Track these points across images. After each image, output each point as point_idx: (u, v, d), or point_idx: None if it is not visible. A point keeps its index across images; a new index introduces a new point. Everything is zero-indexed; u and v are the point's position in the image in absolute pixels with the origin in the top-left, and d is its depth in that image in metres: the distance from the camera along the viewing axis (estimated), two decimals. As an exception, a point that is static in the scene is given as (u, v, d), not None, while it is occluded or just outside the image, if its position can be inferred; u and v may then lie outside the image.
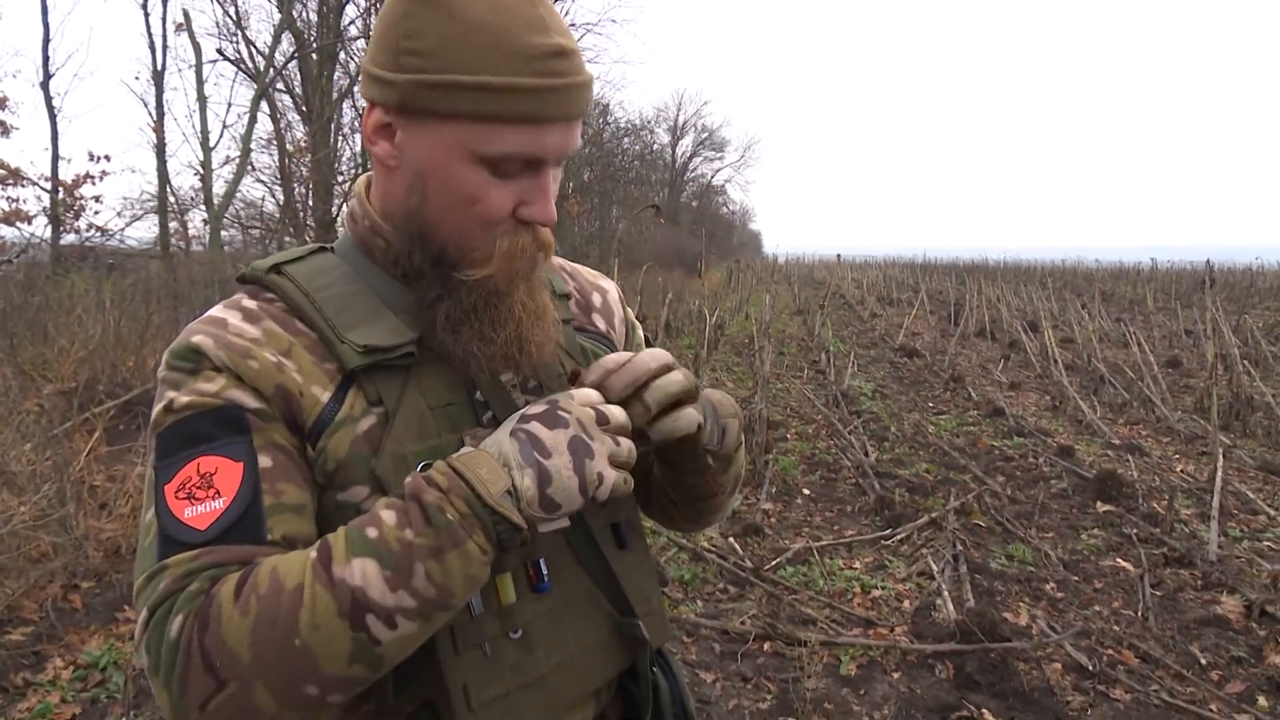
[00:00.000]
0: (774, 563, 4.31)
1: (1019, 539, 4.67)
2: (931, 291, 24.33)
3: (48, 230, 12.90)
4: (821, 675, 3.28)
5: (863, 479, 5.74)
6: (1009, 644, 3.30)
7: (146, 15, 14.00)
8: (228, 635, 0.68)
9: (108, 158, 13.34)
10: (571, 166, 23.99)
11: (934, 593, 3.90)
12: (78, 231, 13.51)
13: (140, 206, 14.79)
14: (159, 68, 14.49)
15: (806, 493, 5.61)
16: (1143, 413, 8.04)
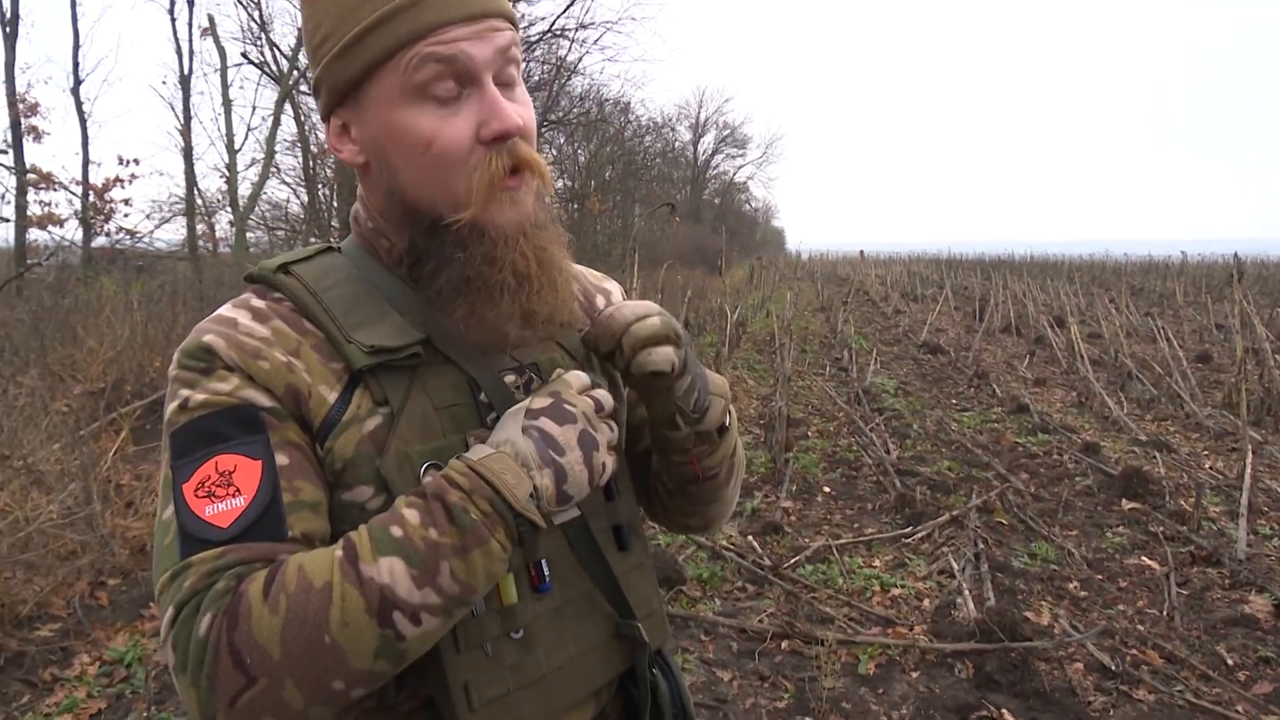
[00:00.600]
0: (793, 561, 4.29)
1: (1042, 537, 4.62)
2: (956, 287, 24.12)
3: (79, 233, 13.11)
4: (840, 674, 3.27)
5: (884, 476, 5.70)
6: (1030, 643, 3.27)
7: (173, 21, 14.19)
8: (258, 633, 0.69)
9: (136, 161, 13.59)
10: (593, 165, 23.99)
11: (954, 591, 3.87)
12: (108, 234, 13.72)
13: (169, 209, 14.99)
14: (186, 72, 14.67)
15: (827, 490, 5.58)
16: (1171, 409, 7.92)
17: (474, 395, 0.87)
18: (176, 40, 14.45)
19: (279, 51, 14.16)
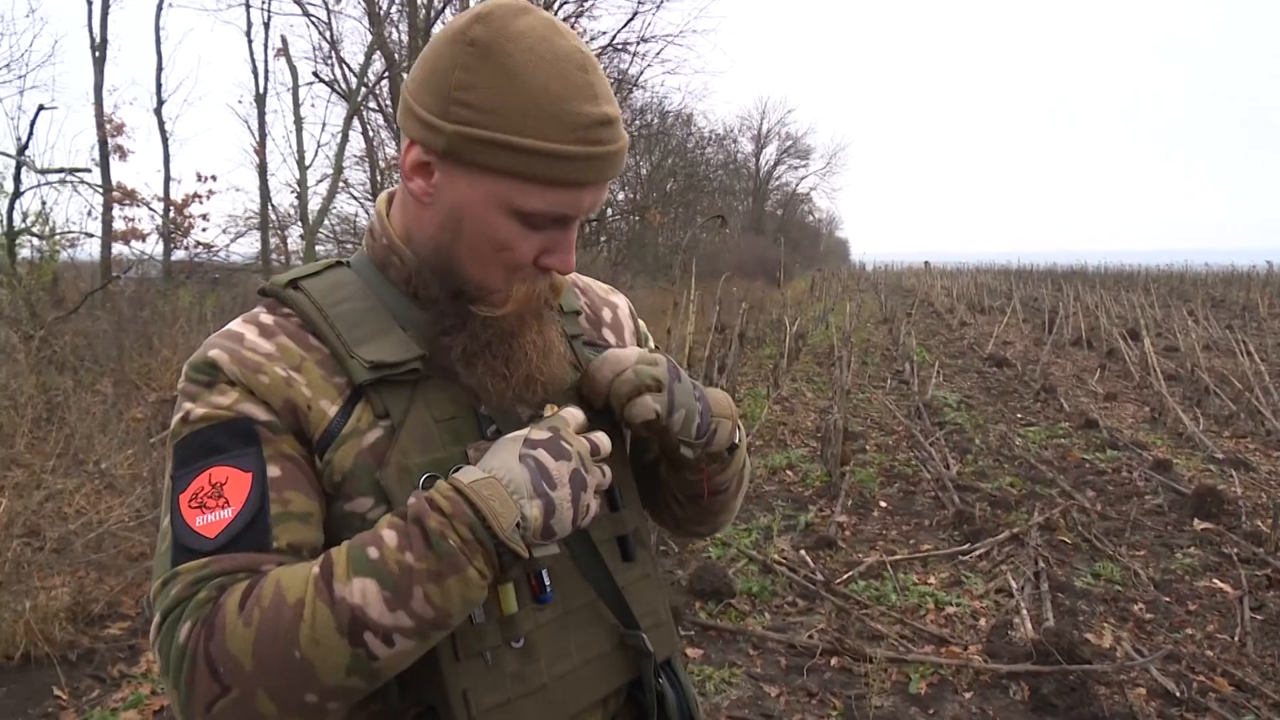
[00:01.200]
0: (845, 576, 4.23)
1: (1107, 557, 4.47)
2: (1025, 299, 23.54)
3: (159, 247, 13.64)
4: (890, 693, 3.21)
5: (942, 492, 5.59)
6: (1089, 666, 3.17)
7: (250, 42, 14.68)
8: (231, 645, 0.72)
9: (214, 178, 14.02)
10: (655, 178, 24.07)
11: (1012, 611, 3.77)
12: (186, 248, 14.24)
13: (243, 224, 15.50)
14: (260, 92, 15.17)
15: (883, 505, 5.49)
16: (1250, 425, 7.60)
17: (474, 408, 0.88)
18: (253, 61, 14.95)
19: (348, 69, 14.57)
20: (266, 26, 15.00)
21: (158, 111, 14.00)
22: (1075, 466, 6.32)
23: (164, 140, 14.72)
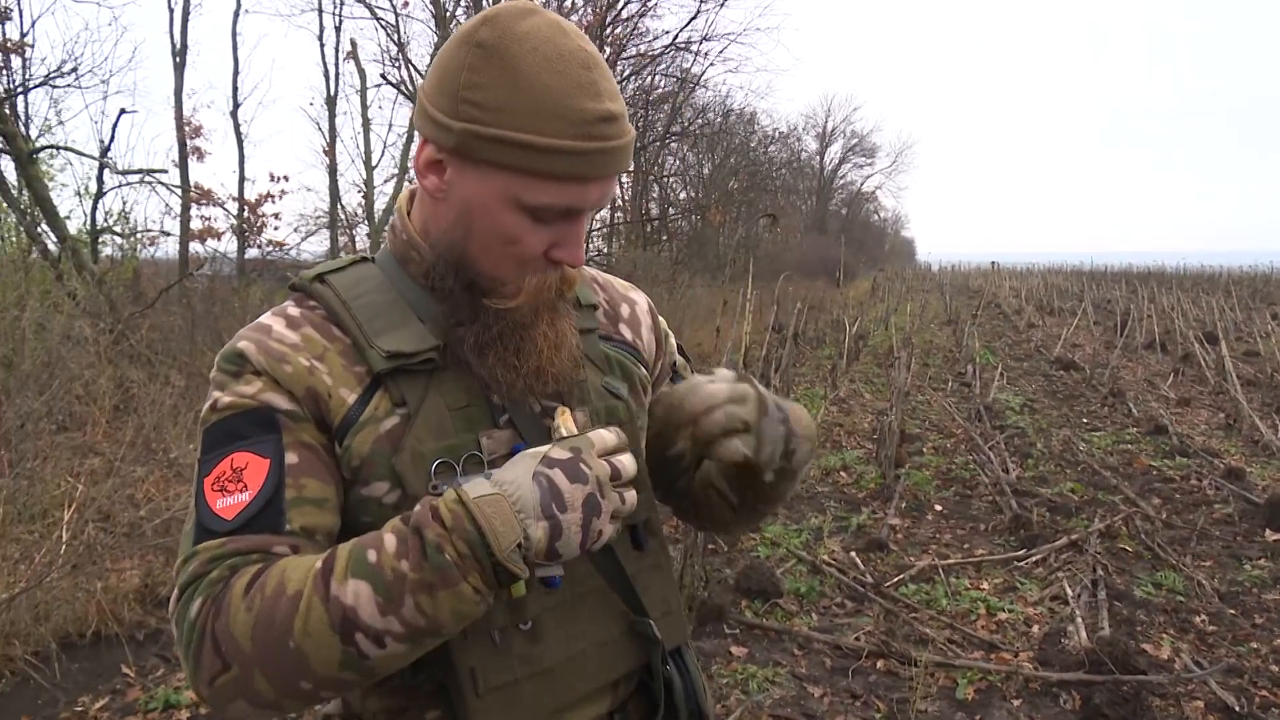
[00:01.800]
0: (896, 579, 4.19)
1: (1170, 566, 4.34)
2: (1098, 300, 22.86)
3: (233, 245, 14.10)
4: (936, 698, 3.17)
5: (1000, 496, 5.48)
6: (1144, 677, 3.08)
7: (322, 46, 15.09)
8: (233, 626, 0.76)
9: (286, 178, 14.48)
10: (717, 177, 23.99)
11: (1066, 619, 3.69)
12: (259, 247, 14.70)
13: (314, 223, 15.95)
14: (331, 94, 15.59)
15: (938, 509, 5.41)
16: (1333, 434, 7.27)
17: (487, 397, 0.92)
18: (324, 64, 15.36)
19: (415, 70, 14.86)
20: (338, 30, 15.42)
21: (234, 114, 14.45)
22: (1141, 473, 6.13)
23: (239, 142, 15.18)
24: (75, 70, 8.36)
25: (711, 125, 22.00)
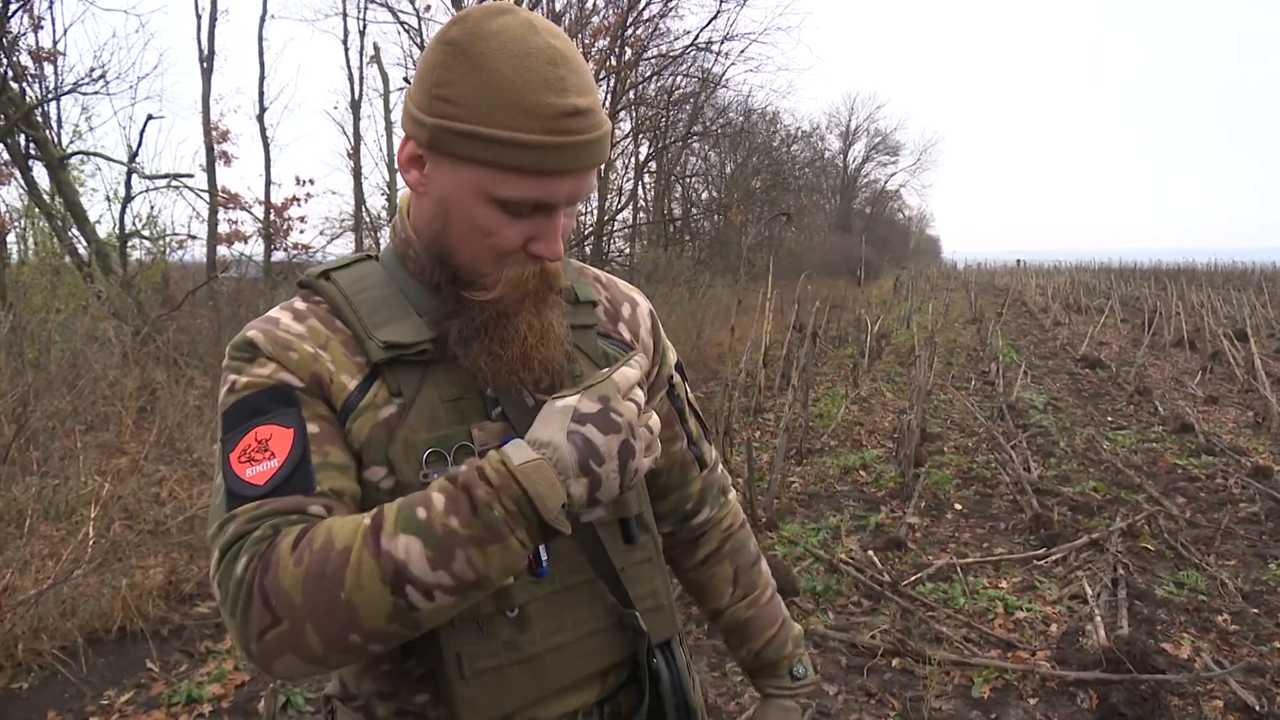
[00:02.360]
0: (913, 578, 4.17)
1: (1193, 565, 4.29)
2: (1126, 298, 22.60)
3: (259, 248, 14.27)
4: (952, 696, 3.17)
5: (1021, 495, 5.44)
6: (1163, 676, 3.06)
7: (346, 50, 15.27)
8: (284, 580, 0.78)
9: (311, 181, 14.56)
10: (739, 176, 23.94)
11: (1085, 618, 3.66)
12: (285, 249, 14.87)
13: (339, 225, 16.10)
14: (355, 98, 15.74)
15: (958, 508, 5.38)
16: (1365, 432, 7.15)
17: (480, 390, 0.94)
18: (349, 68, 15.55)
19: (437, 75, 14.94)
20: (362, 34, 15.53)
21: (260, 118, 14.63)
22: (1166, 472, 6.06)
23: (265, 146, 15.36)
24: (104, 77, 8.51)
25: (733, 125, 21.96)
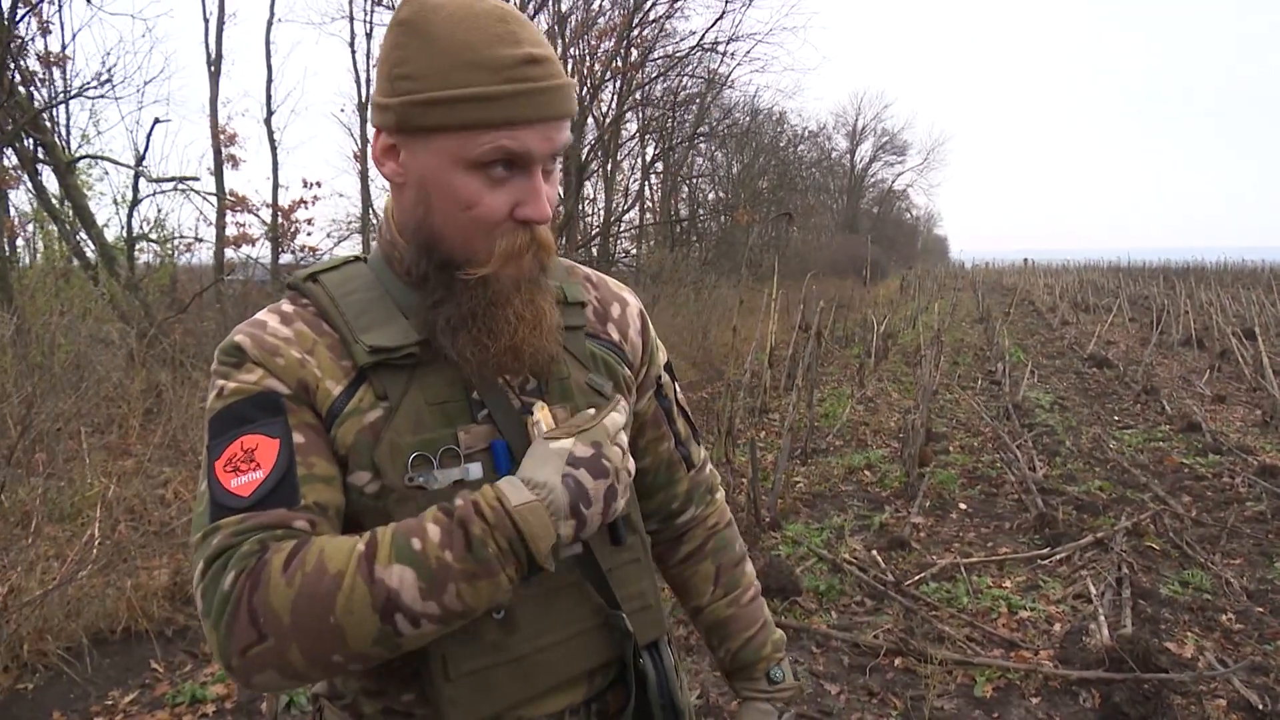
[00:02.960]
0: (917, 578, 4.17)
1: (1198, 564, 4.27)
2: (1134, 297, 22.50)
3: (266, 250, 14.32)
4: (954, 695, 3.16)
5: (1026, 495, 5.43)
6: (1166, 675, 3.05)
7: (353, 52, 15.30)
8: (273, 599, 0.78)
9: (319, 184, 14.58)
10: (746, 177, 23.94)
11: (1089, 617, 3.65)
12: (293, 251, 14.92)
13: (346, 228, 16.16)
14: (362, 100, 15.77)
15: (963, 507, 5.37)
16: (1374, 430, 7.11)
17: (467, 392, 0.93)
18: (355, 70, 15.55)
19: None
20: (369, 36, 15.54)
21: (267, 122, 14.68)
22: (1172, 471, 6.04)
23: (273, 149, 15.41)
24: (110, 80, 8.55)
25: (739, 125, 21.97)
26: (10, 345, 4.78)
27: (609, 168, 18.23)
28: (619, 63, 14.81)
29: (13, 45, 7.60)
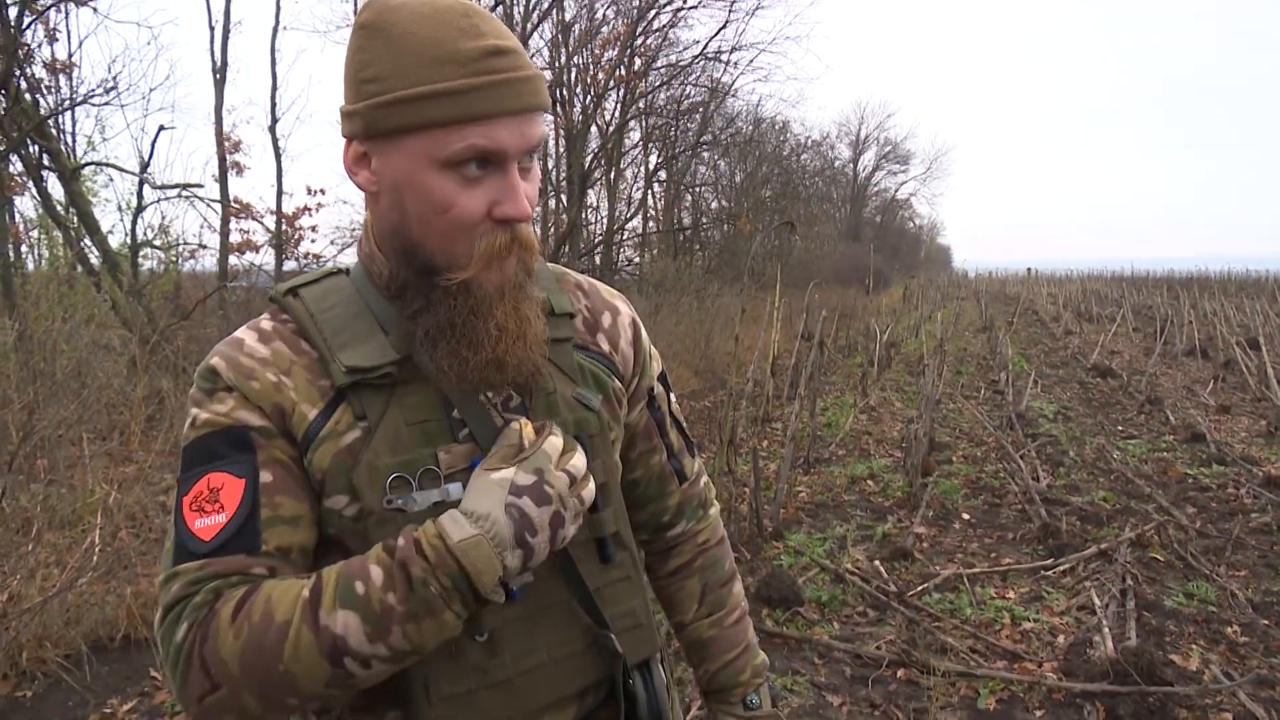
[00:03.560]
0: (919, 588, 4.15)
1: (1203, 576, 4.25)
2: (1137, 306, 22.48)
3: (270, 257, 14.34)
4: (957, 708, 3.14)
5: (1029, 505, 5.40)
6: (1171, 688, 3.02)
7: (356, 60, 15.35)
8: (222, 650, 0.79)
9: (323, 191, 14.60)
10: (749, 185, 23.96)
11: (1093, 629, 3.63)
12: (296, 259, 14.94)
13: (349, 235, 16.17)
14: (365, 108, 15.82)
15: (966, 517, 5.35)
16: (1379, 442, 7.08)
17: (447, 411, 0.91)
18: (358, 79, 15.61)
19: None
20: (372, 46, 15.61)
21: (272, 129, 14.70)
22: (1176, 482, 6.01)
23: (277, 156, 15.42)
24: (116, 87, 8.58)
25: (742, 134, 21.99)
26: (13, 351, 4.78)
27: (612, 176, 18.26)
28: (622, 71, 14.85)
29: (20, 52, 7.62)
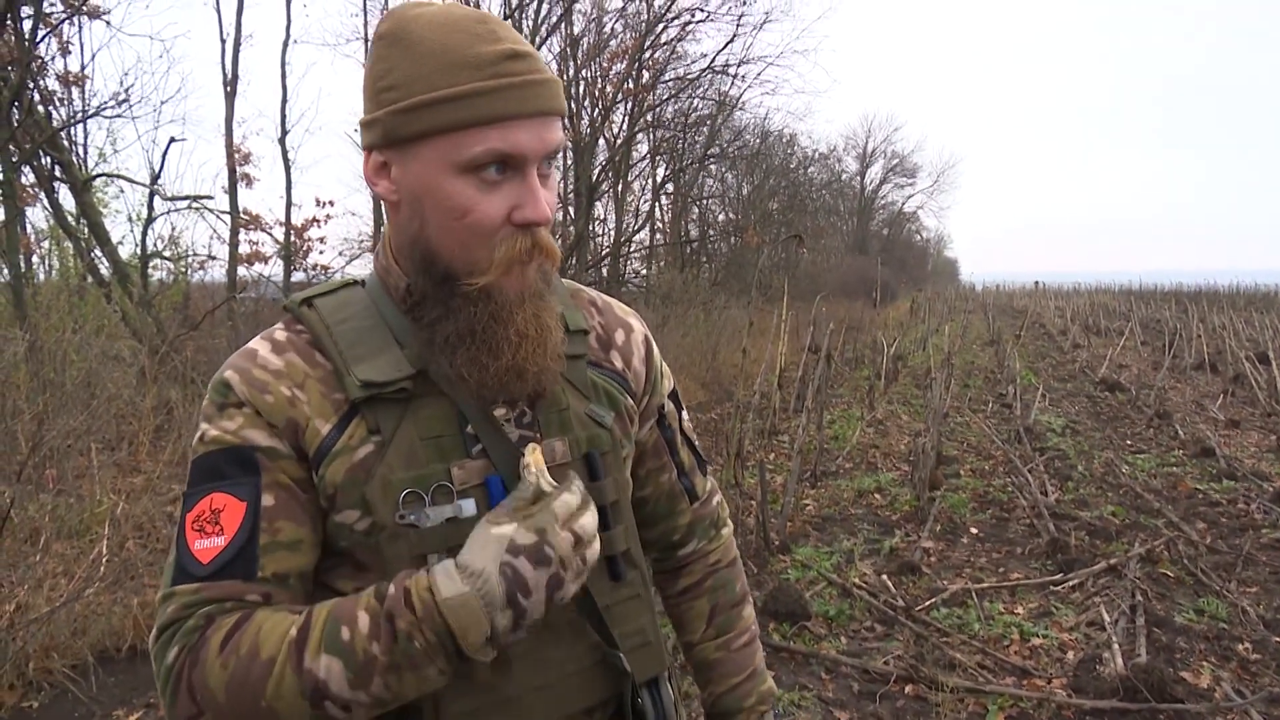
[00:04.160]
0: (927, 603, 4.12)
1: (1213, 592, 4.22)
2: (1146, 320, 22.39)
3: (279, 268, 14.40)
4: (965, 724, 3.12)
5: (1038, 520, 5.37)
6: (1182, 705, 3.00)
7: (365, 73, 15.45)
8: (209, 679, 0.80)
9: (331, 203, 14.72)
10: (756, 198, 23.98)
11: (1103, 645, 3.60)
12: (305, 270, 14.99)
13: (358, 246, 16.23)
14: (374, 120, 15.90)
15: (974, 532, 5.32)
16: (1391, 457, 7.03)
17: (461, 427, 0.91)
18: (367, 92, 15.71)
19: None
20: (381, 59, 15.70)
21: (281, 141, 14.80)
22: (1186, 497, 5.98)
23: (287, 168, 15.52)
24: (127, 100, 8.65)
25: (750, 147, 22.04)
26: (24, 362, 4.81)
27: (619, 188, 18.30)
28: (630, 85, 14.91)
29: (33, 65, 7.69)
